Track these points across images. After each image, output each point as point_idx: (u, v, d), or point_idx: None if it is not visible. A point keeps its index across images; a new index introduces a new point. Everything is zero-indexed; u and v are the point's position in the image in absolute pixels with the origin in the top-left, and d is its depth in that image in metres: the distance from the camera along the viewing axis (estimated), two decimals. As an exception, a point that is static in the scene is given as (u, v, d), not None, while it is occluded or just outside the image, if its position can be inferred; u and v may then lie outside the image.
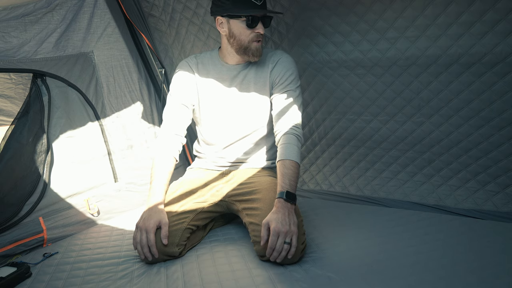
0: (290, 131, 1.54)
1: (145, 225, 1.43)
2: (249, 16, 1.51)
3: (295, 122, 1.57)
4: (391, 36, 1.64)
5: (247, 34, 1.55)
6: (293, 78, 1.62)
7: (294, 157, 1.48)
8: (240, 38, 1.56)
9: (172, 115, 1.67)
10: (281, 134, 1.56)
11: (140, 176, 2.09)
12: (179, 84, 1.69)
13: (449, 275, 1.25)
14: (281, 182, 1.42)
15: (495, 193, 1.71)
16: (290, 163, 1.46)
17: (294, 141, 1.52)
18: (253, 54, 1.58)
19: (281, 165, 1.47)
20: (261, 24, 1.55)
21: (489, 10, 1.42)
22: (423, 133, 1.77)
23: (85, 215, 1.86)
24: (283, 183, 1.42)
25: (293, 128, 1.55)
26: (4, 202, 1.59)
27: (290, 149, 1.49)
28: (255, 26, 1.53)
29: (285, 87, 1.61)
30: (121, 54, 2.07)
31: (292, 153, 1.49)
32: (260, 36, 1.56)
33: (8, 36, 1.66)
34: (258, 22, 1.54)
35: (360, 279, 1.26)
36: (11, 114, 1.67)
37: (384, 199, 1.93)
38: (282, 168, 1.46)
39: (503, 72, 1.50)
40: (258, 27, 1.54)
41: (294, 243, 1.31)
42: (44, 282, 1.37)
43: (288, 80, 1.61)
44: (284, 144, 1.51)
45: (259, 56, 1.59)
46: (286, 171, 1.44)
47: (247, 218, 1.51)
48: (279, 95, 1.61)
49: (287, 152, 1.49)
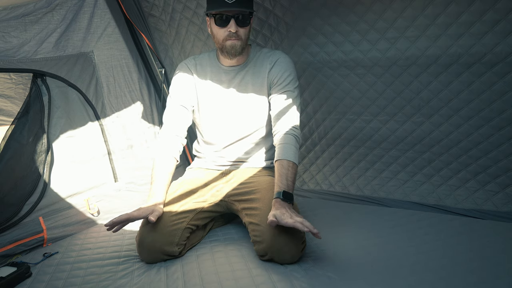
0: (288, 132, 1.54)
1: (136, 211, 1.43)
2: (215, 14, 1.52)
3: (293, 122, 1.57)
4: (391, 36, 1.64)
5: (221, 32, 1.55)
6: (291, 78, 1.61)
7: (291, 157, 1.48)
8: (216, 37, 1.57)
9: (172, 117, 1.67)
10: (280, 135, 1.56)
11: (140, 176, 2.09)
12: (179, 86, 1.70)
13: (449, 275, 1.25)
14: (278, 182, 1.43)
15: (495, 193, 1.71)
16: (288, 163, 1.46)
17: (292, 141, 1.52)
18: (228, 52, 1.56)
19: (279, 165, 1.47)
20: (234, 22, 1.51)
21: (489, 10, 1.42)
22: (423, 133, 1.77)
23: (85, 215, 1.86)
24: (280, 183, 1.42)
25: (292, 128, 1.55)
26: (4, 202, 1.59)
27: (287, 149, 1.50)
28: (227, 24, 1.52)
29: (283, 87, 1.60)
30: (121, 54, 2.08)
31: (290, 153, 1.49)
32: (233, 34, 1.53)
33: (8, 36, 1.66)
34: (230, 20, 1.51)
35: (360, 279, 1.26)
36: (11, 114, 1.67)
37: (384, 199, 1.93)
38: (279, 168, 1.46)
39: (503, 72, 1.50)
40: (230, 26, 1.52)
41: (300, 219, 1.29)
42: (44, 282, 1.37)
43: (287, 81, 1.61)
44: (282, 145, 1.52)
45: (235, 54, 1.57)
46: (283, 171, 1.45)
47: (246, 218, 1.51)
48: (277, 96, 1.61)
49: (284, 152, 1.49)
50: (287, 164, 1.46)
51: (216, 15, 1.52)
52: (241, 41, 1.55)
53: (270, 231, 1.36)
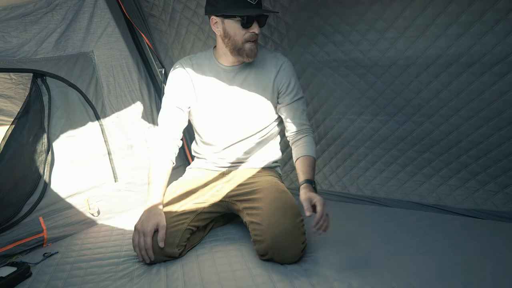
0: (304, 132, 1.68)
1: (143, 228, 1.44)
2: (243, 16, 1.49)
3: (306, 123, 1.70)
4: (391, 36, 1.64)
5: (241, 34, 1.52)
6: (298, 85, 1.69)
7: (312, 153, 1.64)
8: (234, 39, 1.53)
9: (167, 119, 1.66)
10: (297, 136, 1.69)
11: (140, 176, 2.08)
12: (174, 87, 1.67)
13: (449, 275, 1.25)
14: (308, 171, 1.56)
15: (495, 192, 1.71)
16: (310, 159, 1.61)
17: (309, 139, 1.67)
18: (247, 55, 1.56)
19: (303, 160, 1.61)
20: (256, 23, 1.51)
21: (489, 10, 1.43)
22: (423, 133, 1.77)
23: (85, 215, 1.86)
24: (308, 173, 1.55)
25: (306, 129, 1.69)
26: (4, 202, 1.59)
27: (309, 147, 1.64)
28: (250, 26, 1.50)
29: (294, 96, 1.67)
30: (121, 54, 2.07)
31: (311, 149, 1.64)
32: (255, 36, 1.53)
33: (8, 36, 1.66)
34: (253, 22, 1.50)
35: (360, 279, 1.26)
36: (11, 114, 1.67)
37: (384, 199, 1.93)
38: (304, 161, 1.60)
39: (503, 72, 1.50)
40: (253, 27, 1.51)
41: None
42: (44, 282, 1.37)
43: (295, 88, 1.67)
44: (303, 144, 1.65)
45: (253, 57, 1.57)
46: (310, 164, 1.60)
47: (247, 217, 1.51)
48: (289, 106, 1.68)
49: (306, 149, 1.63)
50: (310, 159, 1.61)
51: (243, 17, 1.48)
52: (256, 43, 1.57)
53: (271, 231, 1.36)
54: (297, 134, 1.69)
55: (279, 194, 1.49)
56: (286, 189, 1.57)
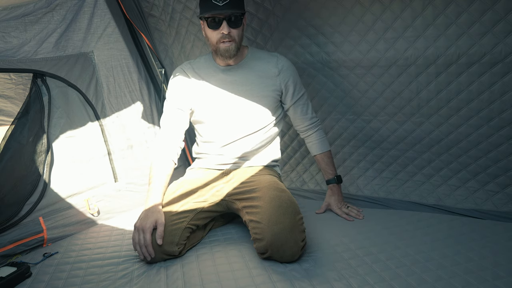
0: (314, 125, 1.78)
1: (142, 225, 1.45)
2: (208, 17, 1.53)
3: (313, 115, 1.79)
4: (390, 36, 1.65)
5: (213, 35, 1.56)
6: (299, 82, 1.75)
7: (327, 148, 1.80)
8: (210, 40, 1.59)
9: (169, 120, 1.68)
10: (309, 132, 1.79)
11: (140, 176, 2.09)
12: (175, 90, 1.70)
13: (449, 275, 1.25)
14: (328, 170, 1.79)
15: (495, 193, 1.71)
16: (327, 154, 1.79)
17: (320, 134, 1.79)
18: (222, 55, 1.59)
19: (322, 156, 1.79)
20: (226, 24, 1.52)
21: (488, 10, 1.43)
22: (423, 133, 1.77)
23: (85, 215, 1.86)
24: (330, 170, 1.79)
25: (315, 122, 1.79)
26: (4, 202, 1.59)
27: (322, 143, 1.79)
28: (219, 27, 1.53)
29: (298, 96, 1.73)
30: (121, 54, 2.08)
31: (325, 145, 1.79)
32: (226, 36, 1.54)
33: (8, 36, 1.66)
34: (222, 22, 1.52)
35: (360, 279, 1.26)
36: (11, 114, 1.67)
37: (384, 199, 1.93)
38: (323, 158, 1.79)
39: (503, 72, 1.50)
40: (222, 28, 1.53)
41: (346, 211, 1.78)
42: (44, 282, 1.37)
43: (297, 87, 1.73)
44: (316, 140, 1.78)
45: (229, 56, 1.59)
46: (327, 160, 1.79)
47: (247, 216, 1.51)
48: (295, 105, 1.74)
49: (321, 146, 1.78)
50: (327, 155, 1.79)
51: (209, 18, 1.53)
52: (234, 43, 1.57)
53: (271, 229, 1.36)
54: (308, 129, 1.78)
55: (278, 192, 1.49)
56: (285, 188, 1.58)
